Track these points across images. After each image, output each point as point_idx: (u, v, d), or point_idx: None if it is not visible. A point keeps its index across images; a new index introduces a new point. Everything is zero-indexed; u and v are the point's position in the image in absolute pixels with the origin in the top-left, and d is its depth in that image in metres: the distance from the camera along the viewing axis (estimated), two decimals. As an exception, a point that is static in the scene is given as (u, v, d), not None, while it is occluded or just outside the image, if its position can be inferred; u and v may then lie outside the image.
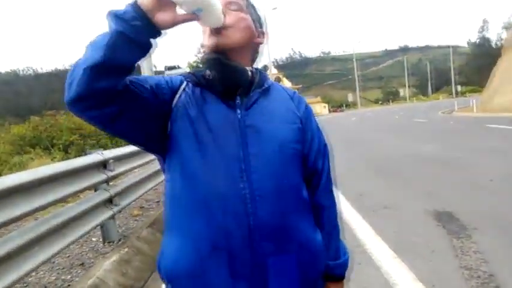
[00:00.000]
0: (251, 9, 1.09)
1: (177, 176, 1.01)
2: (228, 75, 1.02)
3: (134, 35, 0.83)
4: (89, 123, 0.94)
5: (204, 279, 0.97)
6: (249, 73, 1.06)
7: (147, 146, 1.06)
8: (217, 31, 1.00)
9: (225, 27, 1.00)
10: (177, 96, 1.03)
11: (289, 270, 1.01)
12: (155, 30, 0.86)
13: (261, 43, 1.12)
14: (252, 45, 1.09)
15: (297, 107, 1.12)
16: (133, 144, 1.06)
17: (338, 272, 1.15)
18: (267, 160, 0.99)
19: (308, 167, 1.11)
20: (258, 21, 1.11)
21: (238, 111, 1.01)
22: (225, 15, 0.99)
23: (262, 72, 1.11)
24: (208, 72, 1.02)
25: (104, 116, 0.89)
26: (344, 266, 1.16)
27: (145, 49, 0.87)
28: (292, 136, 1.05)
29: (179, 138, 1.00)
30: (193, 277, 0.98)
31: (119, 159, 3.77)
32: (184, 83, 1.06)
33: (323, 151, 1.15)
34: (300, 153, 1.07)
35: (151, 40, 0.88)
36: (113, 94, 0.87)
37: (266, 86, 1.08)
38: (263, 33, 1.13)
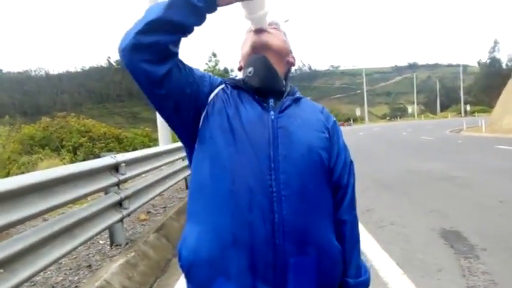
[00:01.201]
0: (285, 36, 1.23)
1: (206, 166, 1.04)
2: (267, 74, 1.11)
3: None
4: (138, 80, 1.00)
5: (223, 269, 0.98)
6: (283, 82, 1.15)
7: (178, 128, 1.12)
8: (259, 31, 1.13)
9: (267, 31, 1.14)
10: (215, 92, 1.10)
11: (308, 272, 1.02)
12: (213, 3, 0.97)
13: (293, 64, 1.23)
14: (286, 61, 1.20)
15: (326, 120, 1.17)
16: (166, 119, 1.11)
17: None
18: (295, 162, 1.02)
19: (333, 181, 1.13)
20: (289, 46, 1.23)
21: (272, 112, 1.07)
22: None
23: (292, 86, 1.19)
24: (250, 69, 1.11)
25: (153, 74, 0.97)
26: (365, 284, 1.16)
27: (200, 17, 0.97)
28: (320, 143, 1.09)
29: (214, 131, 1.05)
30: (213, 266, 0.99)
31: (131, 163, 3.80)
32: (223, 84, 1.14)
33: (349, 167, 1.18)
34: (326, 161, 1.10)
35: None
36: (166, 53, 0.96)
37: (298, 96, 1.16)
38: (294, 58, 1.24)
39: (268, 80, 1.11)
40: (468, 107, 74.08)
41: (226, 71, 24.99)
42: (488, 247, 3.59)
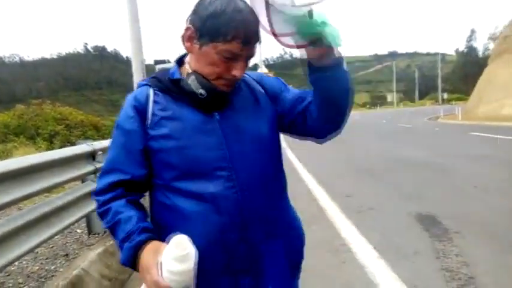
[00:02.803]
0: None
1: (163, 183, 1.05)
2: (218, 99, 1.05)
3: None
4: None
5: (203, 277, 1.00)
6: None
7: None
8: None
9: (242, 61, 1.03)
10: (149, 115, 1.04)
11: (280, 254, 1.09)
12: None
13: None
14: None
15: (266, 90, 1.15)
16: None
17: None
18: (251, 156, 1.04)
19: (295, 105, 1.12)
20: None
21: (216, 113, 1.05)
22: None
23: None
24: (201, 91, 1.01)
25: None
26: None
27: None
28: (268, 127, 1.10)
29: (161, 150, 1.02)
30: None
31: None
32: (151, 92, 1.06)
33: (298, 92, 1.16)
34: (277, 142, 1.14)
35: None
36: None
37: (236, 85, 1.09)
38: None
39: (217, 102, 1.05)
40: (446, 95, 75.69)
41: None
42: (462, 230, 3.70)
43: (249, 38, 0.97)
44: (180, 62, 1.10)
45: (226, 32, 0.95)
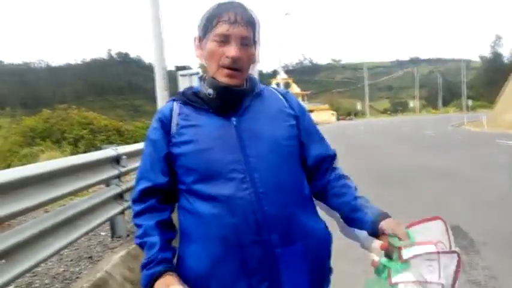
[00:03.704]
0: (256, 46, 1.15)
1: (185, 188, 1.10)
2: (229, 100, 1.11)
3: None
4: None
5: (219, 281, 1.04)
6: (244, 86, 1.14)
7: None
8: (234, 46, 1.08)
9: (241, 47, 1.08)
10: (173, 125, 1.12)
11: (298, 260, 1.07)
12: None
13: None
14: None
15: (290, 105, 1.20)
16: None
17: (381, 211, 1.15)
18: (266, 159, 1.07)
19: (313, 155, 1.19)
20: (257, 53, 1.18)
21: (233, 118, 1.10)
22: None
23: (252, 79, 1.18)
24: (211, 91, 1.10)
25: None
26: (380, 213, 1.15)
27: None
28: (286, 134, 1.13)
29: (183, 154, 1.09)
30: (208, 280, 1.05)
31: (132, 155, 3.80)
32: (175, 105, 1.15)
33: (323, 139, 1.25)
34: (295, 149, 1.15)
35: None
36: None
37: (257, 90, 1.17)
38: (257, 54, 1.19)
39: (229, 103, 1.11)
40: (470, 102, 73.87)
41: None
42: (488, 242, 3.59)
43: (234, 17, 1.05)
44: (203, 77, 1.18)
45: (212, 19, 1.07)
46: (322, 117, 56.53)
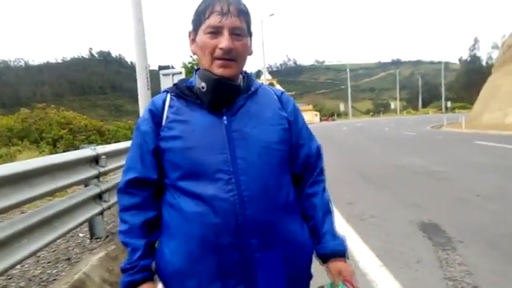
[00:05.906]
0: (249, 39, 1.13)
1: (170, 183, 1.09)
2: (221, 93, 1.08)
3: None
4: None
5: (195, 279, 1.04)
6: (239, 81, 1.12)
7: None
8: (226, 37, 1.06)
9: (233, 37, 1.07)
10: (164, 118, 1.10)
11: (275, 265, 1.06)
12: None
13: (251, 53, 1.17)
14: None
15: (284, 108, 1.18)
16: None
17: (342, 248, 1.17)
18: (254, 163, 1.05)
19: (300, 162, 1.18)
20: (251, 45, 1.15)
21: (225, 117, 1.08)
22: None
23: (249, 76, 1.17)
24: (203, 84, 1.07)
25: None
26: (344, 243, 1.18)
27: None
28: (277, 138, 1.11)
29: (169, 150, 1.07)
30: (185, 277, 1.05)
31: (111, 155, 3.75)
32: (168, 98, 1.13)
33: (315, 150, 1.23)
34: (286, 154, 1.13)
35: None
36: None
37: (253, 89, 1.15)
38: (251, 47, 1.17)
39: (222, 97, 1.08)
40: (449, 104, 75.54)
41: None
42: (465, 239, 3.68)
43: (227, 8, 1.04)
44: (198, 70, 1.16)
45: (204, 11, 1.06)
46: (306, 117, 56.32)
